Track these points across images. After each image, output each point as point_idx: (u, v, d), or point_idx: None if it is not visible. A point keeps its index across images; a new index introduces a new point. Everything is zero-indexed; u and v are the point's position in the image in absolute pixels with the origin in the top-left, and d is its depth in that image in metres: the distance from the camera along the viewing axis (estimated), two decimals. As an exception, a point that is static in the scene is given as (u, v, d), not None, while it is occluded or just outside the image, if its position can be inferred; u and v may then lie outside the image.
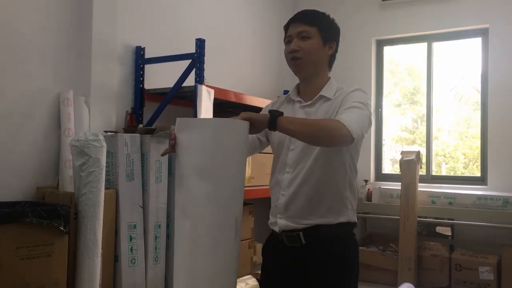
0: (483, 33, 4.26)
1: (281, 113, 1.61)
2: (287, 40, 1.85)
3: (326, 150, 1.72)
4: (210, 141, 1.51)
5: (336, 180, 1.76)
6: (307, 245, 1.75)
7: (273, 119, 1.58)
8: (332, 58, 1.87)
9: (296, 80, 1.93)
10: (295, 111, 1.84)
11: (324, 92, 1.82)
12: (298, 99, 1.87)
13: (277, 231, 1.81)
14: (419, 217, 4.01)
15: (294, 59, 1.80)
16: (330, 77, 1.88)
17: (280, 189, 1.81)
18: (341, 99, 1.76)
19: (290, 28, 1.84)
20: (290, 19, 1.86)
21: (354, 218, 1.81)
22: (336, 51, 1.87)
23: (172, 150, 1.59)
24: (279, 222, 1.80)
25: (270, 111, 1.62)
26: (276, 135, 1.82)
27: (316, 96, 1.82)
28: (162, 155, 1.69)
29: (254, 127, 1.62)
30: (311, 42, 1.78)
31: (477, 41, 4.34)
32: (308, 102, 1.83)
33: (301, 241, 1.75)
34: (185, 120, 1.55)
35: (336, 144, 1.67)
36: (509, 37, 4.08)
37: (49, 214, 2.09)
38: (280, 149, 1.82)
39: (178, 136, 1.55)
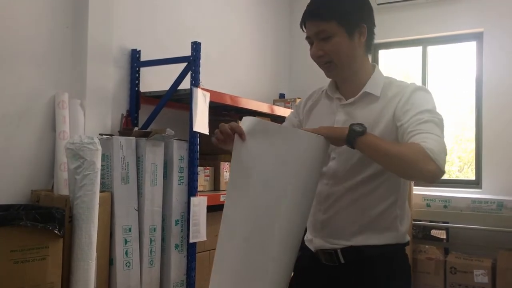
0: (477, 37, 4.28)
1: (363, 130, 1.33)
2: (308, 42, 1.53)
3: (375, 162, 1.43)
4: (282, 151, 1.37)
5: (385, 197, 1.49)
6: (346, 264, 1.50)
7: (351, 140, 1.34)
8: (368, 42, 1.54)
9: (294, 81, 1.82)
10: (334, 110, 1.57)
11: (368, 87, 1.51)
12: (338, 96, 1.58)
13: (312, 250, 1.59)
14: (414, 220, 4.02)
15: (325, 64, 1.51)
16: (375, 66, 1.57)
17: (317, 202, 1.54)
18: (398, 103, 1.45)
19: (306, 27, 1.51)
20: (303, 15, 1.52)
21: (403, 239, 1.54)
22: (370, 31, 1.53)
23: (228, 141, 1.41)
24: (314, 241, 1.58)
25: (351, 126, 1.34)
26: None
27: (360, 93, 1.52)
28: (216, 143, 1.47)
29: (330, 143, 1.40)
30: (334, 42, 1.46)
31: (472, 45, 4.37)
32: (350, 100, 1.54)
33: (339, 260, 1.51)
34: (263, 123, 1.40)
35: (420, 179, 1.39)
36: (503, 41, 4.10)
37: (44, 217, 2.08)
38: None
39: (249, 137, 1.38)
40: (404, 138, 1.40)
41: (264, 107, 3.60)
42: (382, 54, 4.75)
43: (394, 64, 5.08)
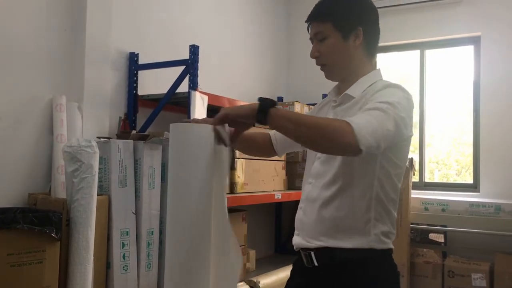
0: (475, 41, 4.29)
1: (273, 103, 1.27)
2: (312, 43, 1.59)
3: (349, 160, 1.43)
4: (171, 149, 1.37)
5: (356, 197, 1.47)
6: (322, 267, 1.52)
7: (262, 113, 1.25)
8: (366, 45, 1.55)
9: (291, 84, 1.87)
10: (327, 112, 1.62)
11: (350, 90, 1.53)
12: (334, 98, 1.62)
13: (295, 248, 1.62)
14: (412, 223, 4.02)
15: (321, 66, 1.57)
16: (373, 70, 1.58)
17: (300, 201, 1.62)
18: (367, 98, 1.45)
19: (310, 28, 1.58)
20: (307, 17, 1.59)
21: (379, 245, 1.48)
22: (369, 34, 1.54)
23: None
24: (295, 239, 1.60)
25: (259, 99, 1.28)
26: None
27: (341, 95, 1.56)
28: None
29: (238, 124, 1.34)
30: (328, 43, 1.51)
31: (469, 49, 4.38)
32: (336, 103, 1.58)
33: (313, 262, 1.53)
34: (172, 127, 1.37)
35: (337, 152, 1.37)
36: (500, 45, 4.12)
37: (41, 220, 2.07)
38: (309, 155, 1.61)
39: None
40: None
41: (262, 111, 3.59)
42: (380, 57, 4.76)
43: (392, 68, 5.09)
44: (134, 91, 3.10)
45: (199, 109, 2.80)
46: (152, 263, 2.65)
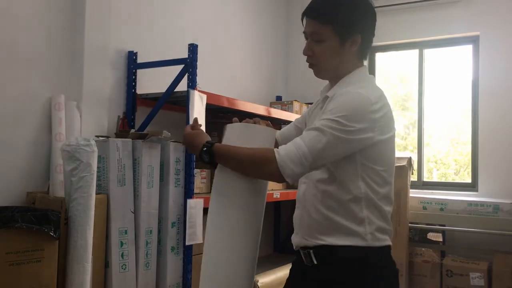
0: (473, 40, 4.30)
1: (211, 146, 1.46)
2: (304, 36, 1.53)
3: (332, 163, 1.45)
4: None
5: (347, 196, 1.46)
6: (320, 266, 1.51)
7: (203, 156, 1.48)
8: (361, 50, 1.53)
9: (290, 83, 1.84)
10: (317, 111, 1.61)
11: (330, 92, 1.52)
12: (323, 95, 1.59)
13: (294, 248, 1.62)
14: (411, 223, 4.02)
15: (311, 65, 1.54)
16: (361, 69, 1.55)
17: (296, 199, 1.63)
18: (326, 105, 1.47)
19: (305, 22, 1.51)
20: (305, 9, 1.52)
21: (378, 243, 1.47)
22: (366, 40, 1.52)
23: None
24: (294, 238, 1.61)
25: (200, 154, 1.49)
26: None
27: (322, 97, 1.56)
28: None
29: None
30: (324, 47, 1.47)
31: (468, 48, 4.38)
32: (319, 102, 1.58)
33: (312, 260, 1.51)
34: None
35: (264, 179, 1.52)
36: (498, 44, 4.12)
37: (39, 219, 2.07)
38: None
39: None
40: None
41: (261, 110, 3.60)
42: (379, 57, 4.76)
43: (391, 67, 5.09)
44: (133, 90, 3.09)
45: (198, 108, 2.80)
46: (150, 262, 2.66)
